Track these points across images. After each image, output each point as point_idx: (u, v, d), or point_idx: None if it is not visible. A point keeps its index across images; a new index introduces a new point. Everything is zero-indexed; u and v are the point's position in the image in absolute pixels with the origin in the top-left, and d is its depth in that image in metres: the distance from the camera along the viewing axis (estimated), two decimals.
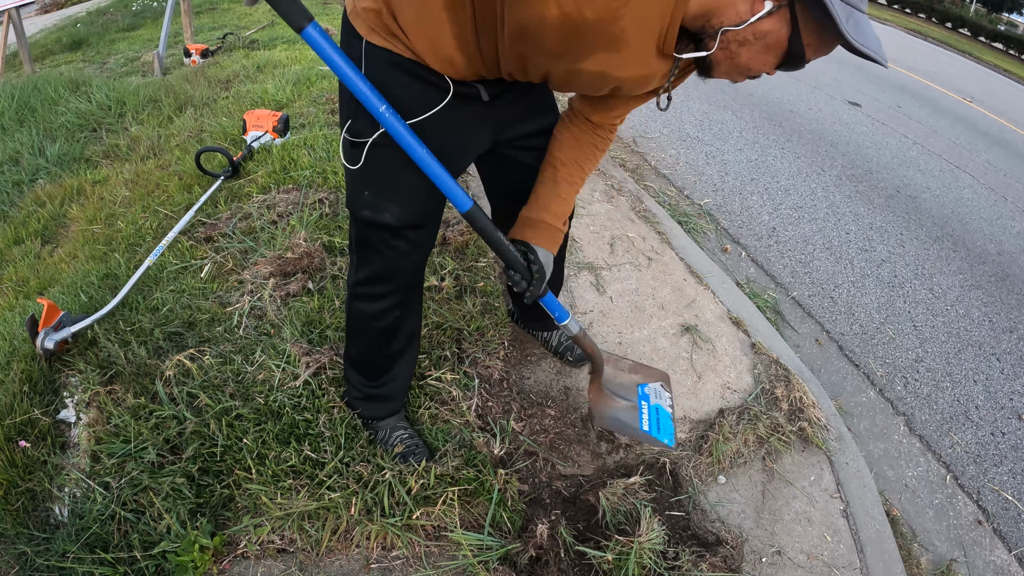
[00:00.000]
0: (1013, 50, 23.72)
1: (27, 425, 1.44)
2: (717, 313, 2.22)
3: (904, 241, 3.49)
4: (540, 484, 1.53)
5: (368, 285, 1.22)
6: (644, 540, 1.30)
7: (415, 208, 1.13)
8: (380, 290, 1.22)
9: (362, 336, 1.34)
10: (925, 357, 2.58)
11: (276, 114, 2.83)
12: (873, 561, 1.51)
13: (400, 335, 1.34)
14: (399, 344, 1.35)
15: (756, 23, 0.82)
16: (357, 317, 1.30)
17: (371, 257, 1.19)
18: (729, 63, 0.88)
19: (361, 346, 1.36)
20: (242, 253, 2.04)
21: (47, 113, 3.69)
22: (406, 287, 1.25)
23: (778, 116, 5.07)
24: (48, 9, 9.37)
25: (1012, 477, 2.10)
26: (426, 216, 1.17)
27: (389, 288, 1.22)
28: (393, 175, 1.08)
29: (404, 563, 1.29)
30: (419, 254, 1.22)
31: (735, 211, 3.37)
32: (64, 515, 1.30)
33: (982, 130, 6.87)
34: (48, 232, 2.63)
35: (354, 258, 1.22)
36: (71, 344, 1.63)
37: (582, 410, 1.75)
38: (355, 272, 1.23)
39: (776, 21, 0.82)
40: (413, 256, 1.20)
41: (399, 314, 1.28)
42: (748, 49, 0.85)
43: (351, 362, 1.41)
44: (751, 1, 0.81)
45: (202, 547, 1.21)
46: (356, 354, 1.38)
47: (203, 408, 1.45)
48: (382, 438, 1.47)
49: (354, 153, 1.07)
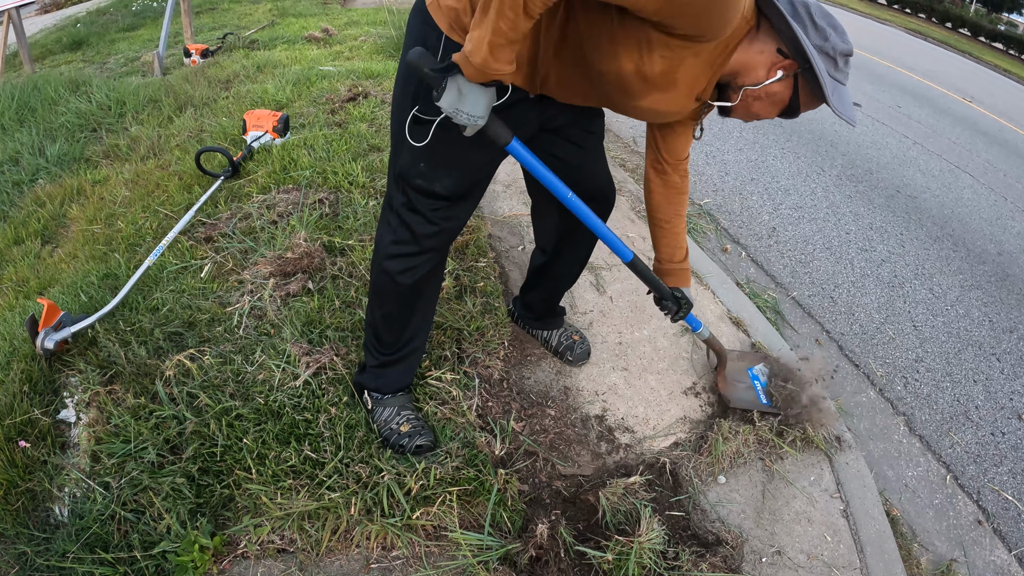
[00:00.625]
0: (1013, 50, 23.71)
1: (27, 425, 1.44)
2: (717, 313, 2.22)
3: (904, 241, 3.49)
4: (540, 484, 1.53)
5: (405, 245, 1.31)
6: (644, 540, 1.30)
7: (464, 181, 1.27)
8: (414, 249, 1.32)
9: (388, 296, 1.39)
10: (925, 357, 2.58)
11: (276, 114, 2.83)
12: (873, 561, 1.51)
13: (424, 296, 1.43)
14: (422, 305, 1.44)
15: (769, 85, 1.11)
16: (386, 277, 1.36)
17: (414, 219, 1.28)
18: (744, 111, 1.18)
19: (386, 307, 1.41)
20: (242, 253, 2.04)
21: (47, 113, 3.69)
22: (438, 251, 1.36)
23: None
24: (48, 9, 9.36)
25: (1012, 477, 2.10)
26: (471, 189, 1.31)
27: (425, 247, 1.32)
28: (451, 153, 1.21)
29: (404, 563, 1.29)
30: (458, 221, 1.34)
31: (735, 211, 3.37)
32: (64, 515, 1.30)
33: (982, 130, 6.87)
34: (48, 232, 2.63)
35: (393, 221, 1.32)
36: (71, 344, 1.63)
37: (582, 410, 1.75)
38: (392, 234, 1.32)
39: (783, 86, 1.12)
40: (452, 223, 1.32)
41: (427, 272, 1.37)
42: (760, 103, 1.15)
43: (373, 327, 1.45)
44: (768, 68, 1.10)
45: (202, 547, 1.21)
46: (380, 316, 1.43)
47: (203, 408, 1.45)
48: (388, 416, 1.48)
49: (419, 131, 1.19)
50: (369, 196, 2.35)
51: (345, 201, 2.32)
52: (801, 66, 1.08)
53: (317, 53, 4.84)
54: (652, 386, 1.86)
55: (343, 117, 3.07)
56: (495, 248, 2.31)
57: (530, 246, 2.35)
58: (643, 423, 1.75)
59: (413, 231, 1.29)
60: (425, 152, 1.20)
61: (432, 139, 1.17)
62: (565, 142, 1.36)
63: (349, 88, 3.43)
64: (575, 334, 1.89)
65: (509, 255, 2.30)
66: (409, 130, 1.19)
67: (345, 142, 2.73)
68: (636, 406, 1.79)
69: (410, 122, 1.18)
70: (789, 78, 1.10)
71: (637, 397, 1.82)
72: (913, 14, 27.14)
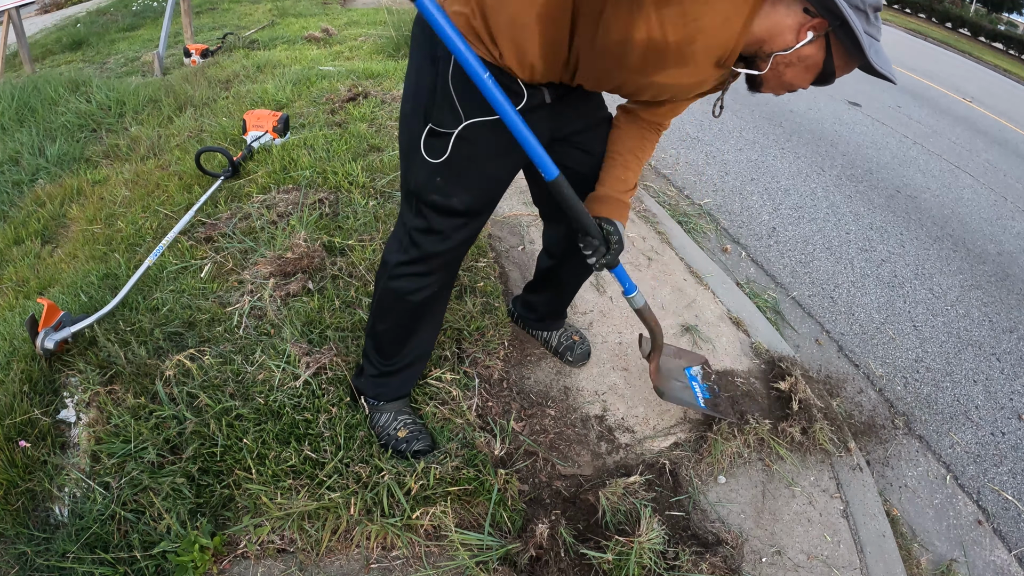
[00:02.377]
0: (1013, 50, 23.70)
1: (27, 425, 1.44)
2: (717, 313, 2.22)
3: (904, 241, 3.49)
4: (540, 484, 1.53)
5: (416, 264, 1.29)
6: (644, 540, 1.30)
7: (481, 197, 1.25)
8: (426, 268, 1.30)
9: (392, 313, 1.38)
10: (925, 357, 2.58)
11: (276, 114, 2.83)
12: (873, 561, 1.51)
13: (431, 312, 1.41)
14: (428, 320, 1.42)
15: (800, 49, 1.01)
16: (393, 295, 1.34)
17: (427, 239, 1.26)
18: (776, 80, 1.08)
19: (388, 323, 1.40)
20: (242, 253, 2.04)
21: (47, 113, 3.69)
22: (450, 268, 1.35)
23: (778, 116, 5.07)
24: (48, 9, 9.36)
25: (1012, 477, 2.10)
26: (487, 205, 1.29)
27: (435, 266, 1.30)
28: (469, 167, 1.18)
29: (404, 563, 1.28)
30: (472, 237, 1.31)
31: (735, 211, 3.37)
32: (64, 515, 1.30)
33: (982, 130, 6.87)
34: (48, 232, 2.63)
35: (404, 240, 1.28)
36: (71, 344, 1.63)
37: (582, 410, 1.75)
38: (403, 253, 1.29)
39: (815, 47, 1.01)
40: (467, 239, 1.30)
41: (436, 291, 1.35)
42: (792, 69, 1.05)
43: (375, 339, 1.44)
44: (796, 31, 1.00)
45: (202, 547, 1.21)
46: (382, 331, 1.41)
47: (203, 408, 1.45)
48: (385, 421, 1.48)
49: (436, 146, 1.15)
50: (369, 196, 2.35)
51: (345, 201, 2.32)
52: (832, 23, 0.98)
53: (317, 53, 4.84)
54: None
55: (343, 117, 3.07)
56: (495, 248, 2.31)
57: (530, 246, 2.35)
58: (643, 423, 1.75)
59: (424, 251, 1.26)
60: (443, 167, 1.17)
61: (451, 153, 1.14)
62: (575, 150, 1.35)
63: (349, 88, 3.43)
64: (575, 334, 1.89)
65: (509, 255, 2.30)
66: (425, 145, 1.16)
67: (345, 142, 2.73)
68: (636, 406, 1.79)
69: (426, 136, 1.16)
70: (820, 38, 1.00)
71: (637, 397, 1.82)
72: (913, 14, 27.15)
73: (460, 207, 1.21)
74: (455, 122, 1.12)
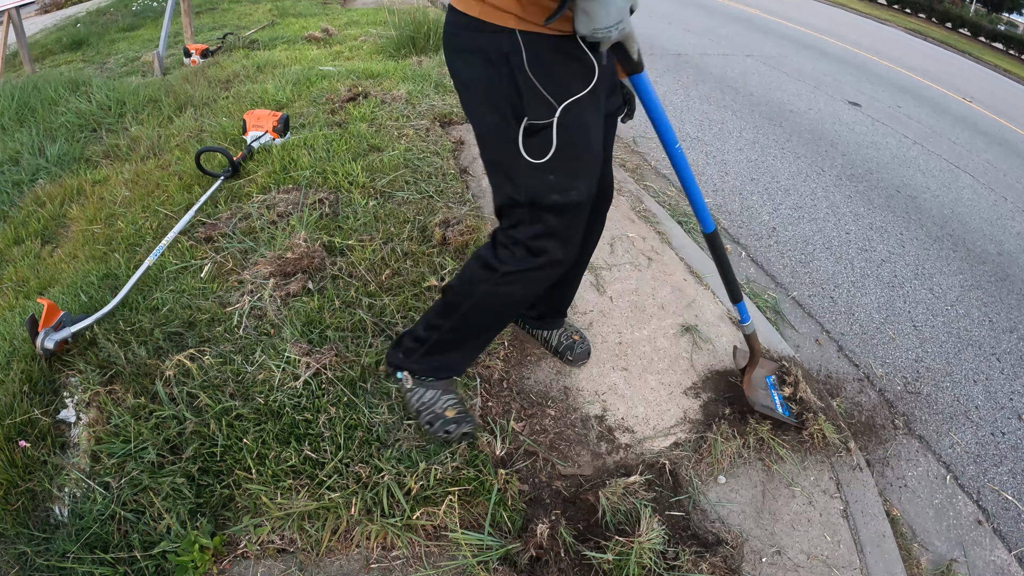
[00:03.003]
0: (1013, 50, 23.71)
1: (27, 425, 1.44)
2: (717, 313, 2.22)
3: (904, 241, 3.49)
4: (540, 484, 1.53)
5: (536, 271, 1.21)
6: (644, 540, 1.30)
7: (594, 177, 1.18)
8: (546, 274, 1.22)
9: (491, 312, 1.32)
10: (925, 357, 2.58)
11: (276, 114, 2.83)
12: (873, 561, 1.51)
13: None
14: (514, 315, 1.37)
15: None
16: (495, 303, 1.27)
17: (551, 245, 1.17)
18: None
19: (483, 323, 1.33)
20: (242, 253, 2.04)
21: (47, 113, 3.69)
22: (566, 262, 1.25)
23: (778, 116, 5.07)
24: (48, 9, 9.36)
25: (1012, 477, 2.10)
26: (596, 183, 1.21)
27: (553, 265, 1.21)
28: (576, 148, 1.11)
29: (404, 563, 1.29)
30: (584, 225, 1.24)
31: (735, 211, 3.37)
32: (64, 515, 1.30)
33: (982, 130, 6.87)
34: (48, 232, 2.63)
35: (519, 252, 1.19)
36: (71, 344, 1.63)
37: (582, 410, 1.75)
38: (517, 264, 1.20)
39: None
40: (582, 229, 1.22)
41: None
42: None
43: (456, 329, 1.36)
44: None
45: (202, 547, 1.21)
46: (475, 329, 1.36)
47: (203, 408, 1.45)
48: (430, 399, 1.43)
49: (536, 144, 1.08)
50: (369, 196, 2.35)
51: (345, 201, 2.32)
52: None
53: (317, 53, 4.83)
54: (652, 386, 1.86)
55: (343, 117, 3.07)
56: None
57: None
58: (643, 423, 1.75)
59: (553, 255, 1.19)
60: (552, 162, 1.09)
61: (557, 142, 1.07)
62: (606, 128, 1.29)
63: (349, 88, 3.43)
64: (575, 334, 1.89)
65: None
66: (525, 147, 1.08)
67: (345, 142, 2.73)
68: (636, 406, 1.79)
69: (523, 138, 1.08)
70: None
71: (637, 397, 1.82)
72: (913, 14, 27.12)
73: (580, 197, 1.14)
74: (550, 111, 1.06)
